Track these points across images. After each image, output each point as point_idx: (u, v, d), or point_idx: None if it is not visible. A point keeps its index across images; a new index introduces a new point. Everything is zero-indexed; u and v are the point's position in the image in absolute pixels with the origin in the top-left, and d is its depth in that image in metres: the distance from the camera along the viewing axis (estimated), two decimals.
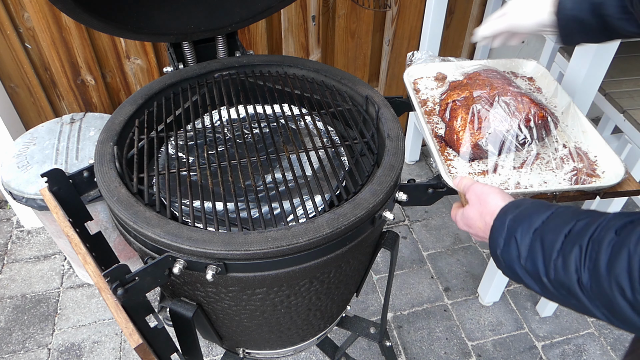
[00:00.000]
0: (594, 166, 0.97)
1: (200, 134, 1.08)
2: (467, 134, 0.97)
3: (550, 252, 0.57)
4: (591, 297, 0.53)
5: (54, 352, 1.74)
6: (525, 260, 0.60)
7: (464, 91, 1.03)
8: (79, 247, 0.84)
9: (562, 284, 0.56)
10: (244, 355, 1.16)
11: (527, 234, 0.60)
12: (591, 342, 1.82)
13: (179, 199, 0.86)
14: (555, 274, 0.56)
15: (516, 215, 0.64)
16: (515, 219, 0.64)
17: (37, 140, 1.69)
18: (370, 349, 1.78)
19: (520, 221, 0.63)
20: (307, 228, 0.77)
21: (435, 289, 1.99)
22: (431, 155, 0.99)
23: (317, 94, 1.11)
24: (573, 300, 0.56)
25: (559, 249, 0.56)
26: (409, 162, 2.52)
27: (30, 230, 2.16)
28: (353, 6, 1.94)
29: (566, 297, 0.57)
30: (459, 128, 0.98)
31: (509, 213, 0.66)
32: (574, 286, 0.54)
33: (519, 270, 0.62)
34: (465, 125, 0.98)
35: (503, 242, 0.64)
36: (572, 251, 0.54)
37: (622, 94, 1.66)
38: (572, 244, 0.55)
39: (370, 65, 2.19)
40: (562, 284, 0.56)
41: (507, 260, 0.63)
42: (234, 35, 1.24)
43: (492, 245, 0.66)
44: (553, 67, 1.90)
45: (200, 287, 0.86)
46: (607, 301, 0.51)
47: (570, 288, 0.55)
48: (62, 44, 1.74)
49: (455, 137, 0.99)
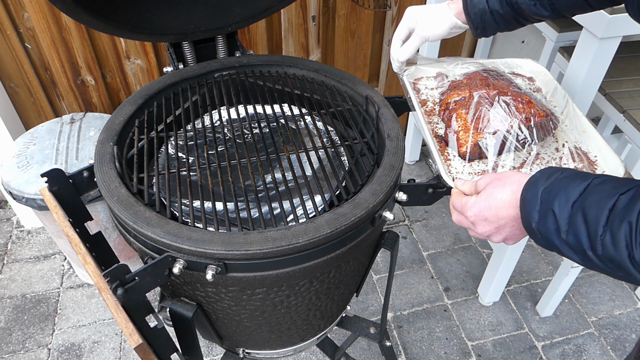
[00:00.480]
0: (594, 166, 0.97)
1: (200, 134, 1.08)
2: (466, 134, 0.97)
3: (595, 228, 0.56)
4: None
5: (54, 352, 1.74)
6: (567, 234, 0.59)
7: (464, 91, 1.03)
8: (79, 247, 0.84)
9: (612, 259, 0.55)
10: (244, 355, 1.16)
11: (565, 207, 0.59)
12: (591, 342, 1.82)
13: (179, 199, 0.86)
14: (604, 249, 0.55)
15: (549, 187, 0.62)
16: (549, 191, 0.61)
17: (37, 140, 1.69)
18: (370, 349, 1.78)
19: (555, 193, 0.61)
20: (307, 228, 0.77)
21: (435, 289, 1.99)
22: (431, 156, 0.99)
23: (317, 94, 1.11)
24: (621, 272, 0.56)
25: (605, 225, 0.55)
26: (409, 162, 2.52)
27: (30, 230, 2.16)
28: (353, 6, 1.94)
29: (614, 269, 0.56)
30: (459, 128, 0.98)
31: (540, 184, 0.63)
32: (624, 261, 0.54)
33: (559, 242, 0.60)
34: (465, 125, 0.98)
35: (538, 216, 0.62)
36: (621, 227, 0.54)
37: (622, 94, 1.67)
38: (620, 219, 0.54)
39: (370, 65, 2.19)
40: (612, 259, 0.55)
41: (544, 233, 0.62)
42: (234, 35, 1.24)
43: (526, 218, 0.64)
44: (553, 67, 1.90)
45: (200, 287, 0.86)
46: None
47: (620, 263, 0.54)
48: (62, 44, 1.74)
49: (455, 137, 0.99)
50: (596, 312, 1.92)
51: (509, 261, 1.76)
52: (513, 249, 1.70)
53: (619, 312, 1.92)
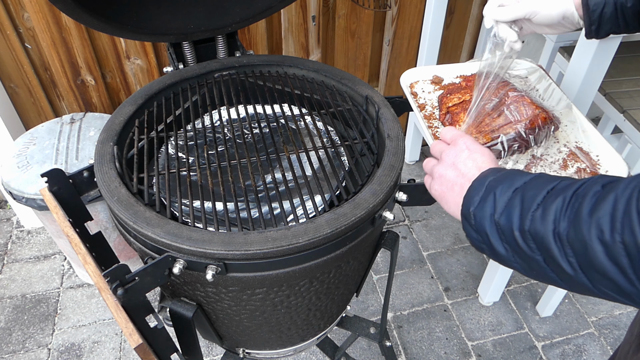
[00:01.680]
0: (596, 166, 0.97)
1: (200, 134, 1.08)
2: None
3: (529, 205, 0.57)
4: (563, 245, 0.53)
5: (54, 352, 1.74)
6: (500, 215, 0.59)
7: (464, 95, 1.03)
8: (79, 247, 0.84)
9: (535, 235, 0.55)
10: (244, 355, 1.16)
11: (507, 191, 0.60)
12: (591, 342, 1.82)
13: (179, 199, 0.86)
14: (532, 224, 0.56)
15: (497, 177, 0.63)
16: (496, 180, 0.63)
17: (37, 140, 1.69)
18: (370, 349, 1.78)
19: (501, 181, 0.62)
20: (307, 228, 0.77)
21: (435, 289, 1.99)
22: None
23: (317, 94, 1.11)
24: (539, 254, 0.56)
25: (540, 202, 0.56)
26: (409, 162, 2.52)
27: (30, 230, 2.16)
28: (353, 6, 1.94)
29: (532, 251, 0.56)
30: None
31: (489, 176, 0.65)
32: (547, 236, 0.54)
33: (488, 227, 0.61)
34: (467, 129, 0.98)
35: (479, 200, 0.63)
36: (554, 202, 0.54)
37: (622, 94, 1.67)
38: (555, 196, 0.55)
39: (370, 65, 2.19)
40: (535, 235, 0.55)
41: (478, 217, 0.62)
42: (234, 35, 1.24)
43: (466, 203, 0.65)
44: (553, 67, 1.90)
45: (200, 287, 0.86)
46: (582, 247, 0.51)
47: (543, 238, 0.54)
48: (62, 44, 1.74)
49: None
50: (596, 312, 1.92)
51: None
52: None
53: (619, 312, 1.92)
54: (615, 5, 0.80)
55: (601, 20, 0.82)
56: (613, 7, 0.80)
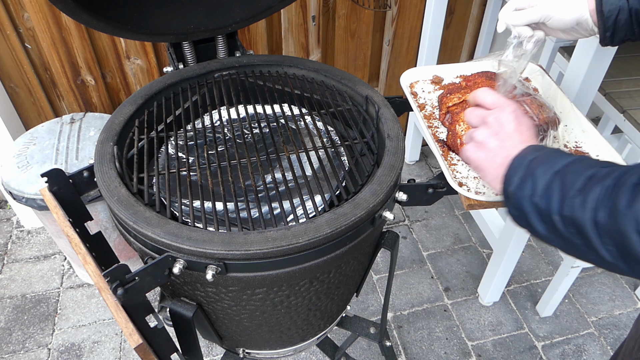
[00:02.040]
0: None
1: (200, 134, 1.08)
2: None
3: (568, 191, 0.57)
4: (602, 234, 0.54)
5: (54, 352, 1.74)
6: (540, 197, 0.60)
7: (464, 94, 1.03)
8: (79, 247, 0.84)
9: (574, 221, 0.56)
10: (244, 355, 1.16)
11: (546, 173, 0.61)
12: (591, 342, 1.82)
13: (179, 199, 0.86)
14: (571, 210, 0.56)
15: (537, 157, 0.64)
16: (535, 160, 0.63)
17: (37, 140, 1.69)
18: (370, 349, 1.78)
19: (541, 162, 0.62)
20: (307, 228, 0.77)
21: (435, 289, 1.99)
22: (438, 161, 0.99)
23: (317, 94, 1.11)
24: (578, 239, 0.57)
25: (580, 189, 0.57)
26: (409, 162, 2.52)
27: (30, 230, 2.16)
28: (353, 6, 1.94)
29: (572, 235, 0.57)
30: (462, 132, 0.98)
31: (529, 155, 0.65)
32: (586, 223, 0.55)
33: (527, 207, 0.62)
34: (468, 129, 0.97)
35: (519, 180, 0.63)
36: (593, 190, 0.55)
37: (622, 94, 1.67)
38: (594, 184, 0.56)
39: (370, 65, 2.19)
40: (574, 221, 0.56)
41: (517, 197, 0.63)
42: (234, 35, 1.24)
43: (506, 182, 0.66)
44: (553, 67, 1.90)
45: (200, 287, 0.86)
46: (619, 236, 0.52)
47: (582, 225, 0.56)
48: (62, 44, 1.74)
49: (459, 142, 0.98)
50: (596, 312, 1.92)
51: (509, 261, 1.76)
52: (513, 249, 1.71)
53: (619, 312, 1.92)
54: (630, 12, 0.78)
55: (616, 26, 0.80)
56: (628, 13, 0.79)
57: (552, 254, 2.13)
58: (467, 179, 0.95)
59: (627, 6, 0.78)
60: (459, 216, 2.27)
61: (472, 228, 2.22)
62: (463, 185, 0.93)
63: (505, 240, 1.71)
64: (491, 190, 0.92)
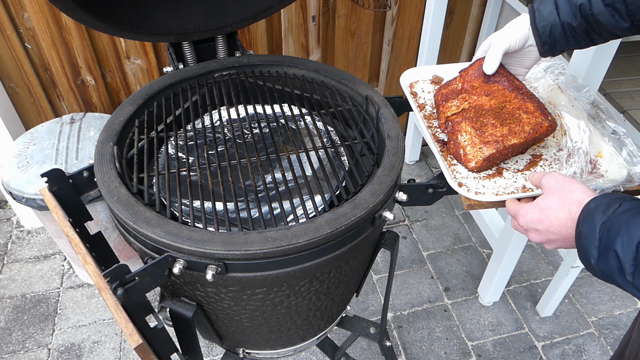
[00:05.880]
0: (597, 165, 0.97)
1: (200, 134, 1.08)
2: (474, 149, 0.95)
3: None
4: None
5: (54, 352, 1.74)
6: (633, 276, 0.56)
7: (462, 102, 1.00)
8: (79, 247, 0.84)
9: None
10: (244, 355, 1.16)
11: (629, 247, 0.56)
12: (591, 342, 1.82)
13: (179, 199, 0.86)
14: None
15: (608, 222, 0.59)
16: (609, 228, 0.59)
17: (37, 140, 1.69)
18: (370, 349, 1.78)
19: (616, 231, 0.58)
20: (307, 228, 0.77)
21: (435, 289, 1.99)
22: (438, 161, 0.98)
23: (317, 94, 1.11)
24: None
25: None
26: (409, 162, 2.52)
27: (30, 230, 2.16)
28: (353, 6, 1.94)
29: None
30: (465, 143, 0.96)
31: (597, 218, 0.60)
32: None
33: (623, 282, 0.58)
34: (471, 139, 0.95)
35: (598, 253, 0.59)
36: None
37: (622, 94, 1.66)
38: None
39: (370, 65, 2.19)
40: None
41: (605, 271, 0.60)
42: (234, 35, 1.24)
43: (584, 254, 0.62)
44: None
45: (200, 287, 0.86)
46: None
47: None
48: (62, 44, 1.74)
49: (462, 152, 0.96)
50: (596, 312, 1.92)
51: (509, 261, 1.76)
52: (513, 249, 1.71)
53: (619, 312, 1.92)
54: (563, 26, 0.85)
55: (553, 40, 0.87)
56: (561, 27, 0.85)
57: (552, 254, 2.13)
58: (467, 179, 0.95)
59: (559, 21, 0.85)
60: (459, 216, 2.27)
61: (472, 228, 2.22)
62: (463, 186, 0.93)
63: (505, 240, 1.71)
64: (491, 191, 0.92)
